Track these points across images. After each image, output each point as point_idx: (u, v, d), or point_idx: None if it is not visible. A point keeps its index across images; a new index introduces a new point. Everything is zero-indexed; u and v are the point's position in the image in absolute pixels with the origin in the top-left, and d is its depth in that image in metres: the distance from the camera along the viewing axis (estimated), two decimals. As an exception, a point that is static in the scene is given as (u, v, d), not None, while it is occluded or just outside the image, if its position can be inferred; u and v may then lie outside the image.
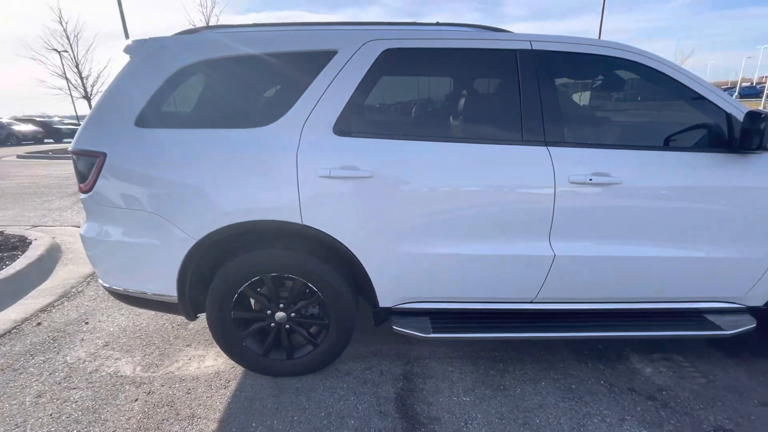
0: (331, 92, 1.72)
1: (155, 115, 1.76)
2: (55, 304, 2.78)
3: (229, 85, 1.81)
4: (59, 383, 1.97)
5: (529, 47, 1.74)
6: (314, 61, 1.74)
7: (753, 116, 1.60)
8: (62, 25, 13.86)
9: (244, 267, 1.80)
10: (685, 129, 1.81)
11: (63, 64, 14.23)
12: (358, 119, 1.73)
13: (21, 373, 2.05)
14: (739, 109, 1.72)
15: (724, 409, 1.76)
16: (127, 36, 12.80)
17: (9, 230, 4.13)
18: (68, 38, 14.02)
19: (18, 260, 3.27)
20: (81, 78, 14.62)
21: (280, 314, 1.90)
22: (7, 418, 1.75)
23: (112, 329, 2.45)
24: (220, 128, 1.74)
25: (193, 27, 2.22)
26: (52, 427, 1.70)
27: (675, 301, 1.94)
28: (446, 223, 1.75)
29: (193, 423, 1.71)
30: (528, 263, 1.80)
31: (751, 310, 1.95)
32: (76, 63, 14.36)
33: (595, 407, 1.77)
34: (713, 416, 1.72)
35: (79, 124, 16.01)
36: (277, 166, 1.68)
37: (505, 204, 1.73)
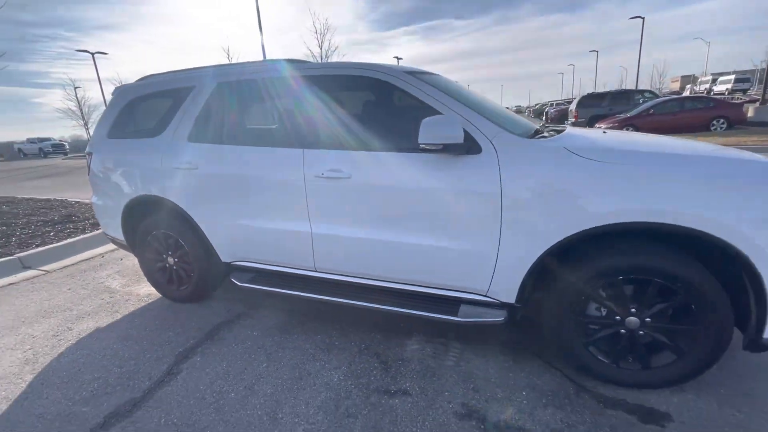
0: (188, 113, 2.64)
1: (116, 131, 2.99)
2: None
3: (148, 111, 2.91)
4: (82, 286, 3.42)
5: (301, 74, 2.31)
6: (184, 94, 2.69)
7: None
8: (228, 60, 18.58)
9: (146, 224, 2.88)
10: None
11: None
12: (201, 131, 2.60)
13: (73, 278, 3.61)
14: (461, 115, 1.93)
15: (427, 381, 1.96)
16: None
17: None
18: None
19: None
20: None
21: (170, 259, 2.91)
22: (51, 293, 3.23)
23: (129, 264, 3.90)
24: (139, 138, 2.85)
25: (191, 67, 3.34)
26: (60, 302, 3.09)
27: (434, 287, 2.17)
28: (244, 203, 2.46)
29: (113, 314, 2.87)
30: (298, 237, 2.36)
31: (508, 306, 2.02)
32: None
33: (327, 357, 2.20)
34: (408, 383, 1.96)
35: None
36: (155, 162, 2.69)
37: (279, 191, 2.34)
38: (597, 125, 14.54)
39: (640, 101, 16.06)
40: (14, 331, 2.69)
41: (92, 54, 25.42)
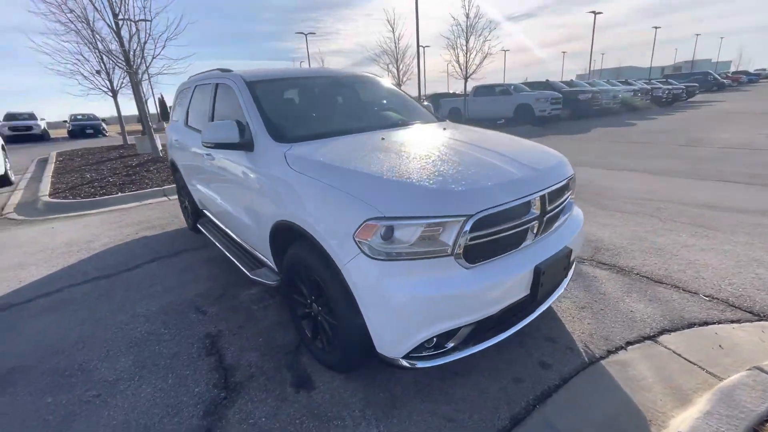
0: (184, 106, 3.93)
1: (174, 116, 4.61)
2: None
3: (182, 103, 4.34)
4: (160, 210, 5.44)
5: (208, 81, 3.20)
6: (188, 91, 3.97)
7: None
8: (393, 35, 20.21)
9: (176, 177, 4.45)
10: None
11: (390, 62, 20.90)
12: (187, 118, 3.85)
13: (164, 205, 5.72)
14: (251, 121, 2.47)
15: (225, 312, 2.72)
16: (418, 43, 17.12)
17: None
18: (395, 43, 20.29)
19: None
20: (398, 72, 20.97)
21: (186, 202, 4.42)
22: (147, 213, 5.34)
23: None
24: (175, 122, 4.35)
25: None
26: (136, 221, 5.12)
27: (257, 251, 2.83)
28: (190, 169, 3.64)
29: (150, 231, 4.64)
30: (207, 196, 3.37)
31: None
32: (396, 60, 20.69)
33: (203, 283, 3.20)
34: (214, 309, 2.77)
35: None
36: (174, 138, 4.14)
37: (199, 164, 3.38)
38: None
39: None
40: (102, 228, 4.78)
41: (305, 34, 31.79)
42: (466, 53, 15.57)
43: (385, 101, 3.20)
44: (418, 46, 17.68)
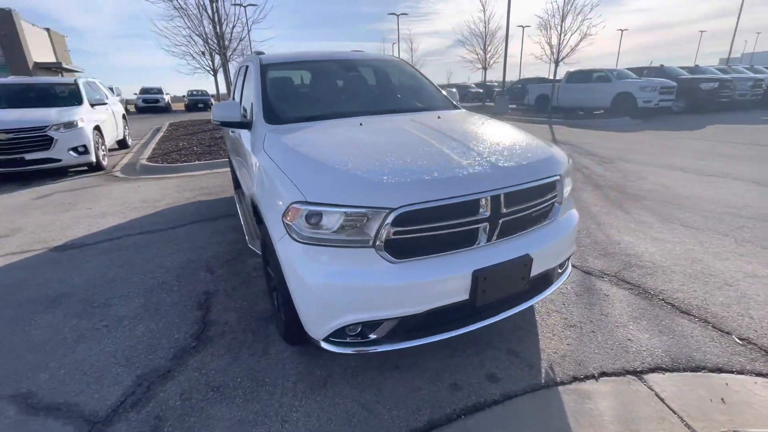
0: (233, 86, 4.30)
1: (232, 93, 5.08)
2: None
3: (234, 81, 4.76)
4: (221, 178, 6.09)
5: (243, 64, 3.44)
6: (236, 74, 4.34)
7: None
8: (484, 14, 19.04)
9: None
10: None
11: (477, 45, 19.83)
12: (233, 98, 4.22)
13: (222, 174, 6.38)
14: (252, 103, 2.65)
15: (229, 273, 3.03)
16: (508, 23, 15.95)
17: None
18: (485, 24, 19.16)
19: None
20: (485, 54, 19.80)
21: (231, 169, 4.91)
22: (209, 180, 6.03)
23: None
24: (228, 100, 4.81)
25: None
26: (199, 185, 5.79)
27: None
28: (230, 148, 4.00)
29: (203, 197, 5.24)
30: (236, 167, 3.71)
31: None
32: (484, 42, 19.53)
33: (226, 245, 3.58)
34: (222, 271, 3.09)
35: (480, 90, 21.73)
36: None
37: (230, 140, 3.72)
38: None
39: None
40: (171, 190, 5.51)
41: (397, 15, 31.75)
42: (560, 34, 14.02)
43: (394, 86, 3.13)
44: (507, 25, 16.44)
